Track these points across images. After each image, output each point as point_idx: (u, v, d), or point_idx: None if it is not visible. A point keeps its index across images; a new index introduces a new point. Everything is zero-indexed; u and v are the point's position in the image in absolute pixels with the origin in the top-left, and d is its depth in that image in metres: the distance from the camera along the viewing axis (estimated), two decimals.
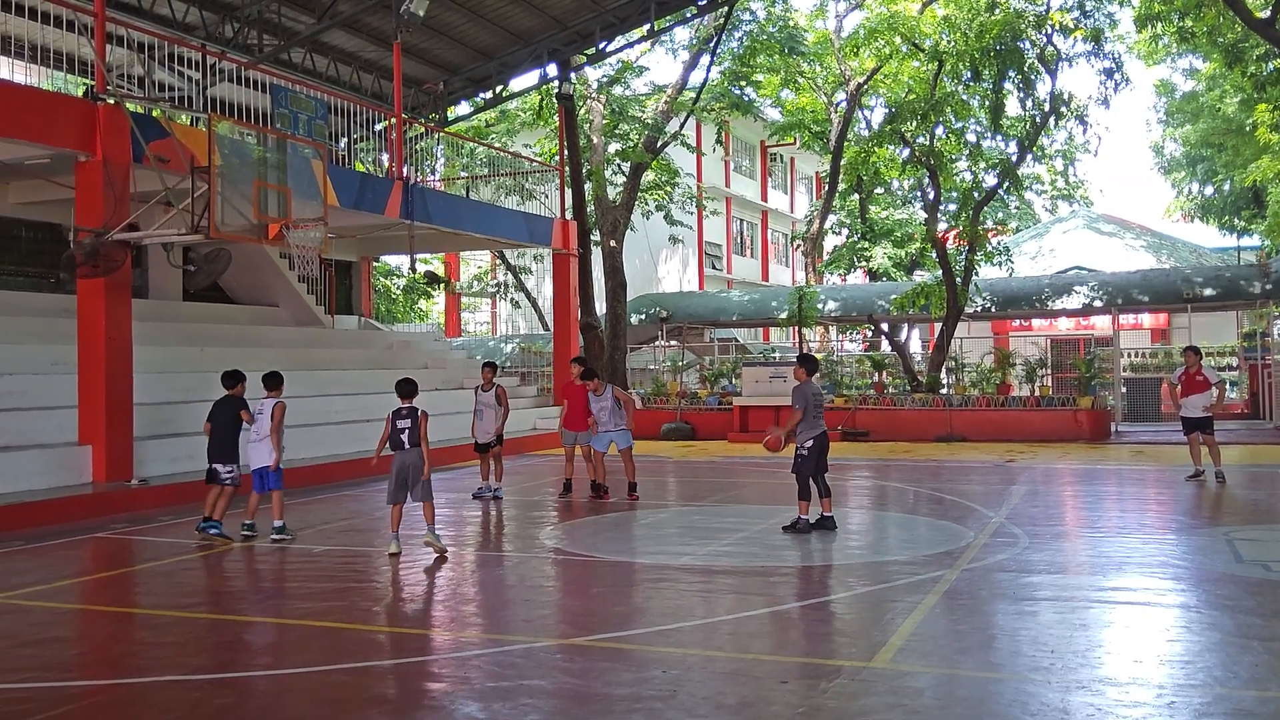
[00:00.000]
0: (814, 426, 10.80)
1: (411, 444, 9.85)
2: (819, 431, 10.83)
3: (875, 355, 29.34)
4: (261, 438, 10.70)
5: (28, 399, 14.07)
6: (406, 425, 9.86)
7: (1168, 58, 33.67)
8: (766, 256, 53.79)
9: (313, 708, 5.73)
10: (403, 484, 9.86)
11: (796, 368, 11.26)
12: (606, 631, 7.19)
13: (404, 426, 9.86)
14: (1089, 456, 18.70)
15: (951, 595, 7.86)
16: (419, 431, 9.84)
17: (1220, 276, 28.06)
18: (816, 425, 10.82)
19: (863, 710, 5.39)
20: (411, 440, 9.84)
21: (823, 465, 10.85)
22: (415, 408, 10.00)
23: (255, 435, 10.76)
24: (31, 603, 8.20)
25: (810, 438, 10.79)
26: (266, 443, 10.66)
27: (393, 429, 9.91)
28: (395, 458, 9.93)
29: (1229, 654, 6.33)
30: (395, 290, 43.05)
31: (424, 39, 23.34)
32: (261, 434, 10.69)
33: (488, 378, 14.36)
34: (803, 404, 10.75)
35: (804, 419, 10.75)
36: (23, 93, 13.55)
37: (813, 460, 10.76)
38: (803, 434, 10.81)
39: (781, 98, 38.69)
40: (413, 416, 9.89)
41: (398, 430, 9.87)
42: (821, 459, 10.83)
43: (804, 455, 10.80)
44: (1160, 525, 11.48)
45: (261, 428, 10.70)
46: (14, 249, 18.11)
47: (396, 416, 9.92)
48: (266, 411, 10.70)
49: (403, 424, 9.87)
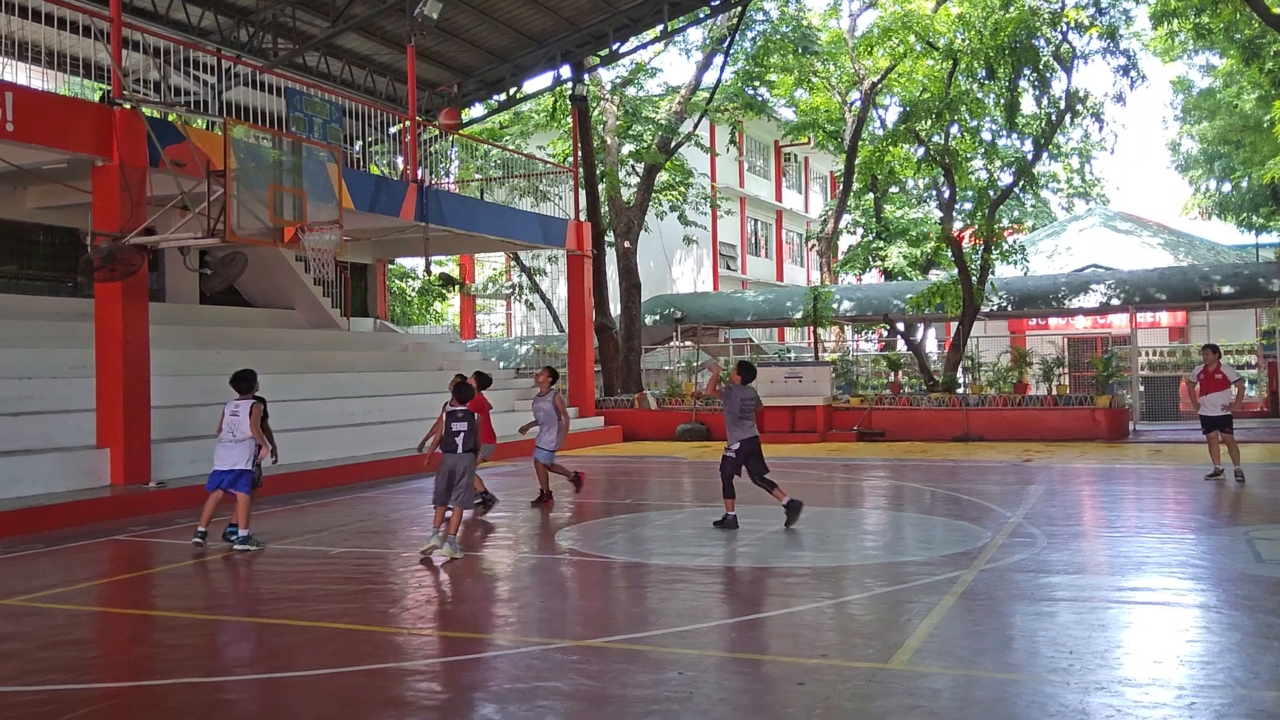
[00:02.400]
0: (744, 430, 11.26)
1: (465, 448, 9.75)
2: (748, 435, 11.25)
3: (891, 355, 29.27)
4: (238, 440, 10.42)
5: (46, 402, 14.15)
6: (462, 428, 9.79)
7: (1184, 54, 33.44)
8: (781, 256, 53.71)
9: (330, 710, 5.74)
10: (450, 485, 9.80)
11: (734, 372, 11.74)
12: (622, 633, 7.19)
13: (459, 429, 9.79)
14: (1107, 456, 18.61)
15: (969, 596, 7.83)
16: (475, 436, 9.81)
17: (1238, 274, 27.88)
18: (746, 429, 11.28)
19: (880, 712, 5.37)
20: (466, 445, 9.75)
21: (756, 467, 11.24)
22: (471, 411, 9.97)
23: (232, 437, 10.44)
24: (51, 605, 8.25)
25: (738, 440, 11.20)
26: (243, 445, 10.42)
27: (447, 430, 9.84)
28: (445, 459, 9.84)
29: (1250, 654, 6.28)
30: (410, 292, 43.15)
31: (438, 41, 23.41)
32: (240, 435, 10.41)
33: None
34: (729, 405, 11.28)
35: (733, 422, 11.27)
36: (40, 98, 13.63)
37: (738, 462, 11.17)
38: (731, 436, 11.29)
39: (795, 97, 38.63)
40: (469, 420, 9.84)
41: (452, 432, 9.79)
42: (751, 461, 11.22)
43: (729, 456, 11.26)
44: (1179, 525, 11.41)
45: (240, 429, 10.41)
46: (32, 253, 18.22)
47: (451, 419, 9.84)
48: (243, 413, 10.45)
49: (458, 426, 9.80)
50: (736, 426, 11.25)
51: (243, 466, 10.42)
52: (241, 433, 10.40)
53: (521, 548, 10.83)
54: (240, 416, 10.46)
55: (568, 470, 13.80)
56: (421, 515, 12.77)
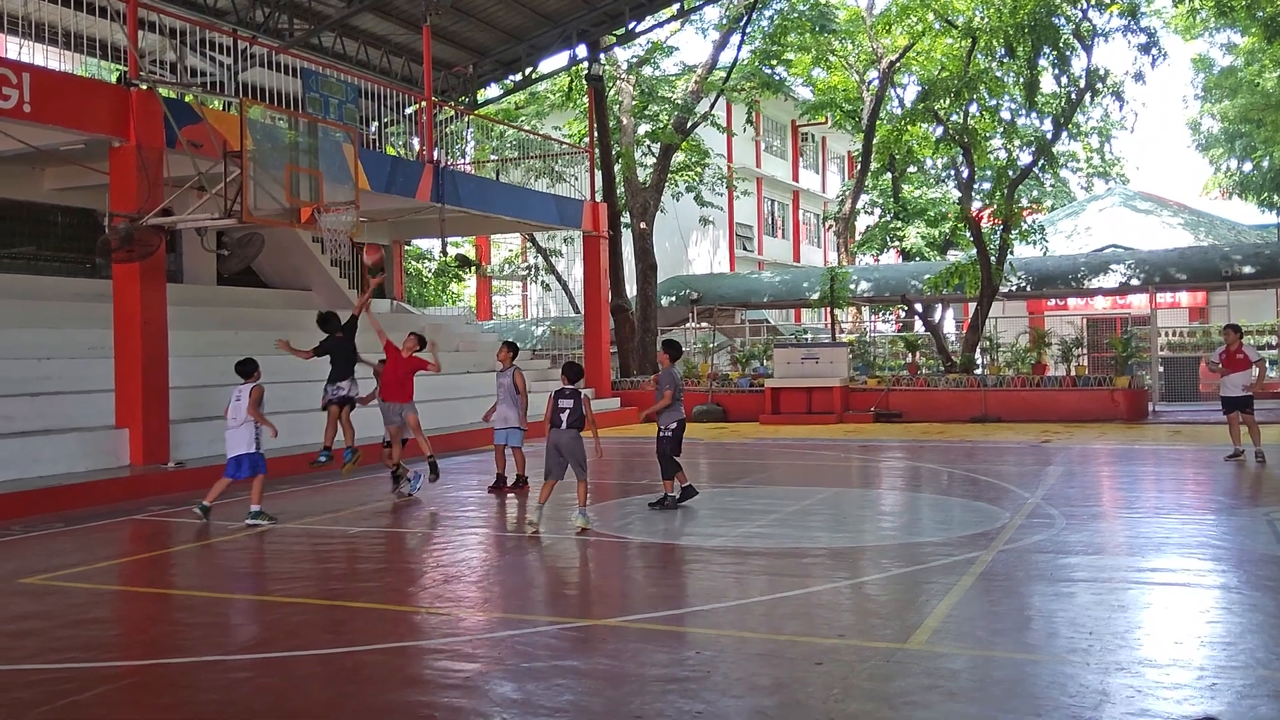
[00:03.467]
0: (678, 411, 11.41)
1: (570, 424, 10.09)
2: (682, 416, 11.48)
3: (909, 336, 29.14)
4: (239, 424, 10.64)
5: (66, 383, 14.23)
6: (568, 405, 10.12)
7: (1205, 32, 33.11)
8: (798, 237, 53.53)
9: (348, 688, 5.76)
10: (558, 461, 10.12)
11: (660, 353, 11.77)
12: (640, 613, 7.19)
13: (565, 406, 10.12)
14: (1126, 437, 18.50)
15: (987, 577, 7.80)
16: (581, 412, 10.12)
17: (1259, 254, 27.64)
18: (679, 410, 11.43)
19: (898, 692, 5.35)
20: (570, 421, 10.08)
21: None
22: (578, 390, 10.29)
23: (234, 421, 10.66)
24: (71, 584, 8.30)
25: (675, 420, 11.35)
26: (243, 428, 10.65)
27: (554, 408, 10.17)
28: (550, 434, 10.19)
29: (1271, 635, 6.24)
30: (427, 274, 43.21)
31: (453, 21, 23.33)
32: (239, 420, 10.64)
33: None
34: (671, 386, 11.34)
35: (672, 403, 11.34)
36: (57, 79, 13.64)
37: (676, 441, 11.31)
38: (667, 417, 11.35)
39: (813, 76, 38.43)
40: (575, 398, 10.17)
41: (558, 410, 10.14)
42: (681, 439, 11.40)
43: (667, 437, 11.34)
44: (1199, 506, 11.34)
45: (239, 414, 10.65)
46: (50, 234, 18.29)
47: (559, 396, 10.20)
48: (244, 397, 10.69)
49: (564, 404, 10.13)
50: (675, 406, 11.38)
51: (242, 450, 10.66)
52: (241, 416, 10.67)
53: (539, 528, 10.82)
54: (241, 401, 10.75)
55: (521, 465, 13.04)
56: (439, 495, 12.80)
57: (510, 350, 13.14)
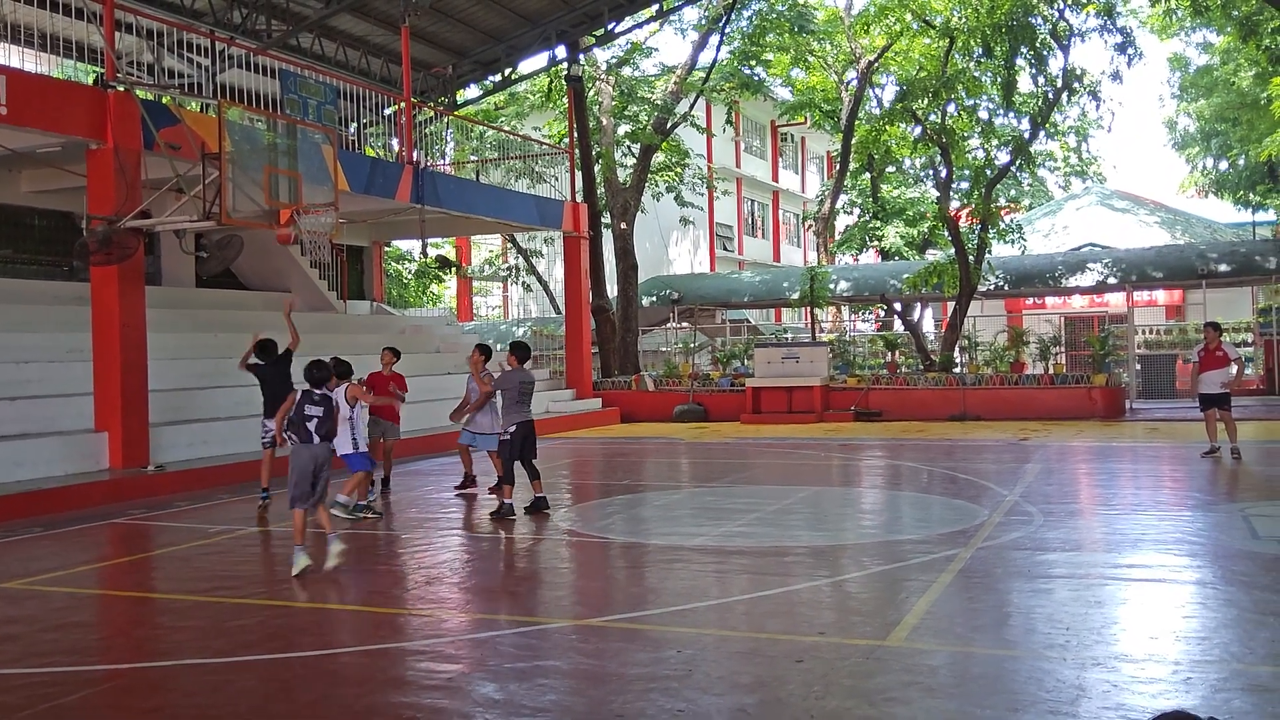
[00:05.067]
0: (519, 414, 11.10)
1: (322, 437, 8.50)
2: (523, 419, 11.09)
3: (888, 335, 29.26)
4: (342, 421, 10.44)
5: (44, 386, 14.15)
6: (317, 414, 8.55)
7: (1181, 31, 33.35)
8: (778, 237, 53.63)
9: (331, 689, 5.77)
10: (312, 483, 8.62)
11: (509, 354, 11.44)
12: (621, 612, 7.22)
13: (313, 414, 8.54)
14: (1103, 434, 18.65)
15: (966, 574, 7.86)
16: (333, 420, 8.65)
17: (1235, 252, 27.89)
18: (522, 413, 11.12)
19: (878, 688, 5.40)
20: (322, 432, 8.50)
21: (530, 451, 11.10)
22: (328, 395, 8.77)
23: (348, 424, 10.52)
24: (52, 588, 8.27)
25: (513, 424, 11.05)
26: (344, 429, 10.35)
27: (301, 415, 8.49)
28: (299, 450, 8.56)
29: (1245, 630, 6.32)
30: (407, 275, 43.08)
31: (432, 22, 23.29)
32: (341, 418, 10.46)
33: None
34: (503, 388, 11.11)
35: (508, 406, 11.10)
36: (33, 81, 13.57)
37: (515, 446, 11.01)
38: (506, 420, 11.17)
39: (792, 77, 38.50)
40: (326, 403, 8.65)
41: (305, 418, 8.49)
42: (526, 445, 11.06)
43: (505, 440, 11.11)
44: (1176, 502, 11.46)
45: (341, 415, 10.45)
46: (28, 237, 18.18)
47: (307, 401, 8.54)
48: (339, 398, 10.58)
49: (313, 411, 8.55)
50: (512, 410, 11.06)
51: (347, 451, 10.43)
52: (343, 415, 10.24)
53: (520, 529, 10.84)
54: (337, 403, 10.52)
55: (469, 465, 12.81)
56: (420, 496, 12.80)
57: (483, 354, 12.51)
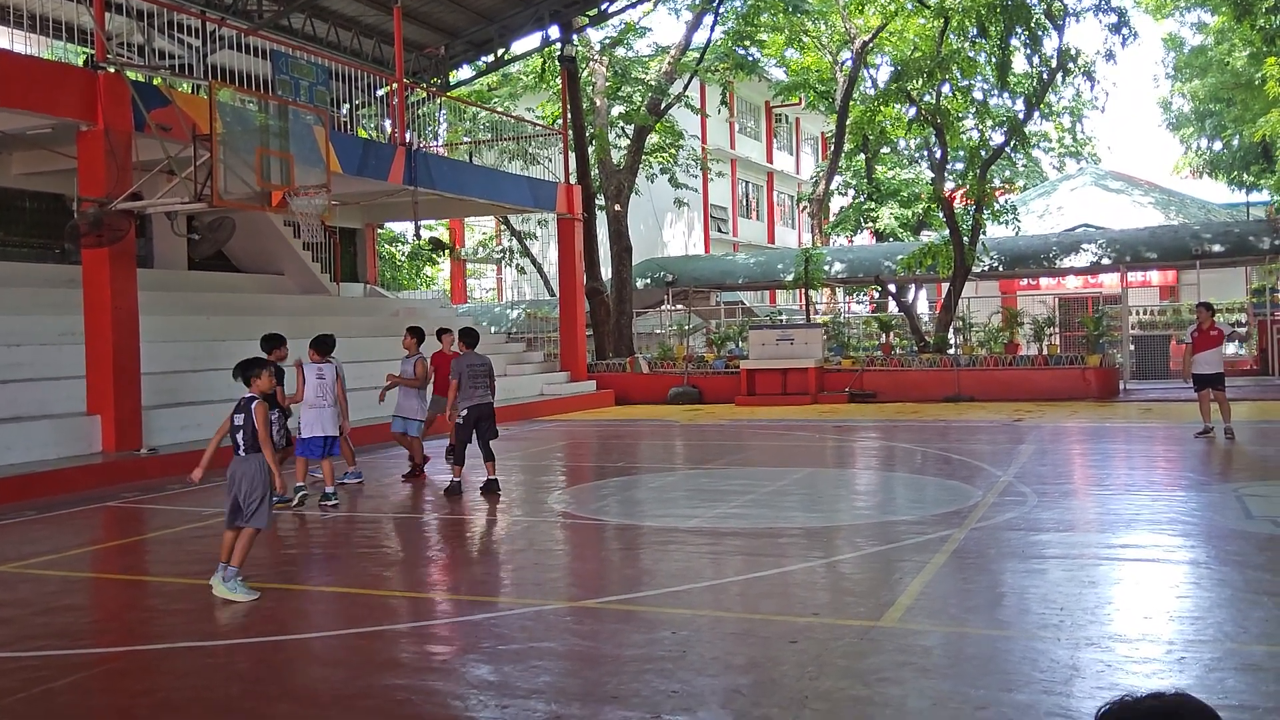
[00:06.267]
0: (470, 397, 11.27)
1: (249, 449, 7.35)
2: (474, 402, 11.30)
3: (882, 316, 29.24)
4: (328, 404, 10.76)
5: (36, 369, 14.10)
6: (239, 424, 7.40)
7: (1175, 11, 33.29)
8: (772, 218, 53.56)
9: (326, 672, 5.77)
10: None
11: (459, 341, 11.73)
12: (616, 594, 7.22)
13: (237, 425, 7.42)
14: (1097, 415, 18.67)
15: (960, 554, 7.87)
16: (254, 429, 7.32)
17: (1229, 232, 27.89)
18: (472, 396, 11.28)
19: (872, 669, 5.40)
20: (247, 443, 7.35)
21: (486, 432, 11.33)
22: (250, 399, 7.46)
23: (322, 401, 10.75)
24: (45, 571, 8.25)
25: (465, 407, 11.26)
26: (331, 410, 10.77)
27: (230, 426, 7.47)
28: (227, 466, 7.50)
29: (1239, 609, 6.33)
30: (400, 257, 42.98)
31: (424, 2, 23.14)
32: (327, 400, 10.76)
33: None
34: (456, 376, 11.27)
35: (463, 389, 11.24)
36: (23, 62, 13.47)
37: (467, 428, 11.24)
38: (460, 403, 11.32)
39: (786, 57, 38.38)
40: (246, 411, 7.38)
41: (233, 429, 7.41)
42: (481, 425, 11.29)
43: (457, 423, 11.29)
44: (1169, 482, 11.48)
45: (326, 393, 10.75)
46: (19, 220, 18.08)
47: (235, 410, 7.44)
48: (328, 375, 10.79)
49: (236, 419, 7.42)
50: (466, 393, 11.26)
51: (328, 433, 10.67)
52: (330, 397, 10.70)
53: (515, 511, 10.85)
54: (326, 380, 10.76)
55: (418, 452, 12.72)
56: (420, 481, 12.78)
57: (415, 336, 12.73)
